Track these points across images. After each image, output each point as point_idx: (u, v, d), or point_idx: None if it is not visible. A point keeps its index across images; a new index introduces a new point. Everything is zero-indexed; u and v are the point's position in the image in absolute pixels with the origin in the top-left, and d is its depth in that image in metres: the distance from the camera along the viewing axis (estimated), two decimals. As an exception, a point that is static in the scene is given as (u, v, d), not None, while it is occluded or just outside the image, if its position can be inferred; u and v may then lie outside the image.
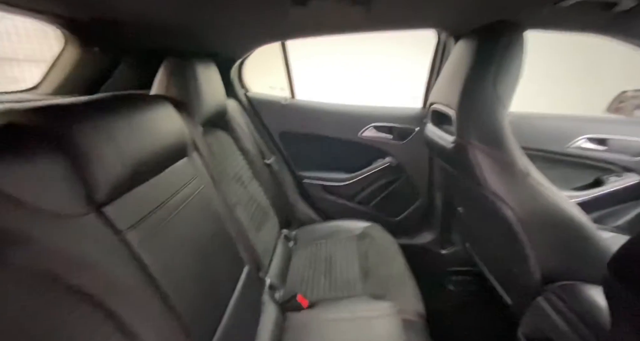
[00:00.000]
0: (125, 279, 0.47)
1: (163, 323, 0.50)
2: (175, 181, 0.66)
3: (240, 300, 0.75)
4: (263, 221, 1.16)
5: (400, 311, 0.88)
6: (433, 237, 1.48)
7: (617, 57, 1.02)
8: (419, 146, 1.35)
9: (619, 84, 1.38)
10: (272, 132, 1.44)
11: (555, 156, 1.29)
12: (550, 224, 0.71)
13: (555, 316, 0.70)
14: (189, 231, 0.65)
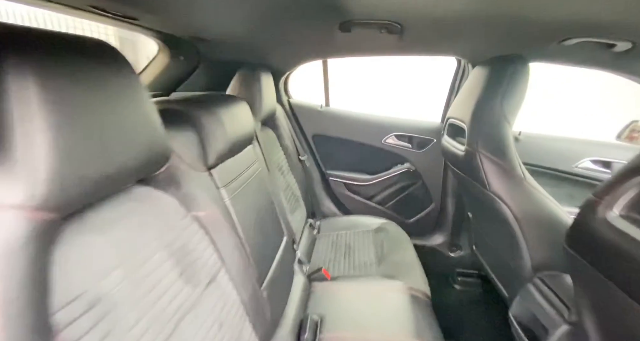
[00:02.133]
0: (220, 220, 0.67)
1: (237, 255, 0.70)
2: (245, 161, 0.87)
3: (280, 261, 0.95)
4: (295, 207, 1.36)
5: (408, 289, 1.04)
6: (443, 240, 1.62)
7: (629, 87, 1.15)
8: (435, 155, 1.51)
9: (630, 111, 1.50)
10: (307, 134, 1.66)
11: (563, 174, 1.42)
12: (541, 222, 0.86)
13: (541, 300, 0.84)
14: (253, 200, 0.86)
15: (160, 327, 0.46)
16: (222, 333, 0.60)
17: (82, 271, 0.38)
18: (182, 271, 0.54)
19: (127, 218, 0.47)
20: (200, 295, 0.57)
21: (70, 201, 0.35)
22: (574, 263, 0.59)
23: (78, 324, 0.35)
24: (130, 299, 0.43)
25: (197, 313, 0.55)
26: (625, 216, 0.45)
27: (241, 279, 0.70)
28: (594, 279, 0.54)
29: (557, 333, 0.74)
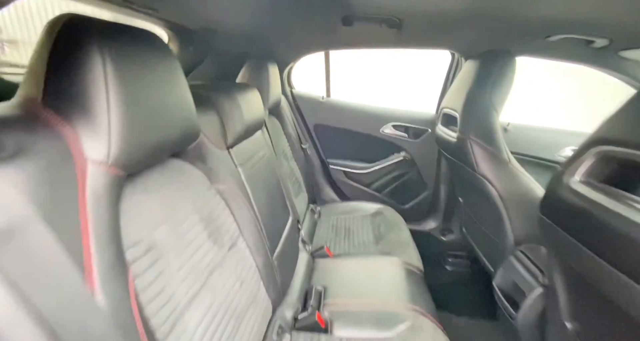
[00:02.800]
0: (238, 194, 0.75)
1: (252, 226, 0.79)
2: (257, 144, 0.95)
3: (287, 237, 1.03)
4: (299, 192, 1.44)
5: (404, 263, 1.14)
6: (436, 225, 1.73)
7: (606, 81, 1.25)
8: (429, 145, 1.61)
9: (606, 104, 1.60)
10: (309, 123, 1.73)
11: (547, 162, 1.53)
12: (522, 200, 0.96)
13: (520, 268, 0.95)
14: (263, 179, 0.94)
15: (197, 276, 0.55)
16: (243, 290, 0.69)
17: (139, 223, 0.46)
18: (210, 233, 0.62)
19: (167, 184, 0.55)
20: (225, 256, 0.66)
21: (133, 163, 0.43)
22: (545, 228, 0.69)
23: (140, 263, 0.44)
24: (174, 250, 0.51)
25: (222, 270, 0.63)
26: (584, 182, 0.54)
27: (256, 247, 0.79)
28: (561, 239, 0.63)
29: (532, 296, 0.85)
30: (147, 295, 0.43)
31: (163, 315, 0.45)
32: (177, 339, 0.46)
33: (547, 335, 0.78)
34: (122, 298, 0.36)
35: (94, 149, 0.37)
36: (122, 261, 0.39)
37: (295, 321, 0.90)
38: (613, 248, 0.45)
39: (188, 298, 0.51)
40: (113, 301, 0.34)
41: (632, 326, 0.48)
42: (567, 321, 0.70)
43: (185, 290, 0.51)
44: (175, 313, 0.47)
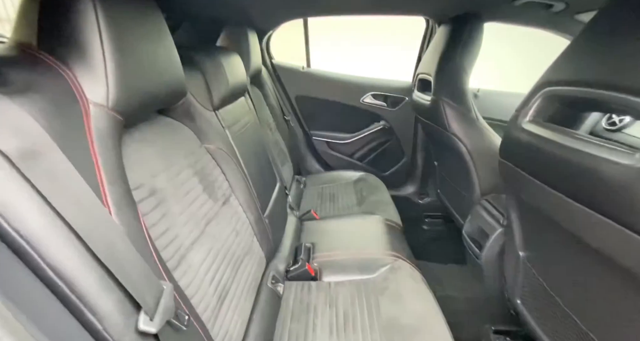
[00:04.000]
0: (227, 155, 0.79)
1: (243, 186, 0.83)
2: (242, 109, 0.98)
3: (276, 200, 1.09)
4: (284, 162, 1.49)
5: (385, 220, 1.24)
6: (414, 189, 1.85)
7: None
8: (407, 113, 1.68)
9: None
10: (290, 95, 1.75)
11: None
12: (488, 154, 1.07)
13: (485, 214, 1.07)
14: (250, 144, 0.98)
15: (196, 223, 0.60)
16: (238, 240, 0.75)
17: (140, 169, 0.49)
18: (205, 188, 0.67)
19: (161, 139, 0.58)
20: (219, 210, 0.71)
21: (129, 109, 0.45)
22: (503, 170, 0.78)
23: (145, 204, 0.48)
24: (174, 197, 0.55)
25: (218, 221, 0.69)
26: (532, 121, 0.62)
27: (247, 205, 0.84)
28: (516, 177, 0.71)
29: (493, 235, 0.97)
30: (155, 232, 0.47)
31: (171, 250, 0.50)
32: (184, 272, 0.52)
33: (505, 266, 0.91)
34: (136, 227, 0.40)
35: (94, 91, 0.39)
36: (131, 198, 0.43)
37: (287, 272, 0.98)
38: (558, 176, 0.54)
39: (190, 241, 0.56)
40: (128, 228, 0.39)
41: (578, 248, 0.58)
42: (520, 251, 0.82)
43: (186, 233, 0.56)
44: (180, 250, 0.52)
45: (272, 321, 0.78)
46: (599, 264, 0.53)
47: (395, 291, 0.83)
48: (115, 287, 0.33)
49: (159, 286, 0.39)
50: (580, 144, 0.48)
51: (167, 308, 0.38)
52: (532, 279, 0.78)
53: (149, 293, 0.36)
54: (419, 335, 0.67)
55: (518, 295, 0.84)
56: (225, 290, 0.63)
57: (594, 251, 0.52)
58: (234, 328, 0.62)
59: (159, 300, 0.37)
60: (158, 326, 0.35)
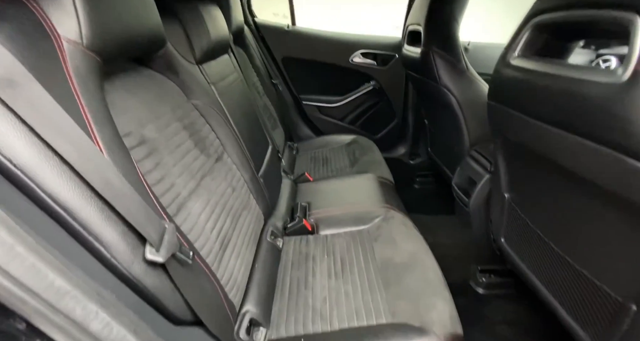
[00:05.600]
0: (215, 112, 0.78)
1: (235, 144, 0.83)
2: (226, 67, 0.94)
3: (269, 161, 1.10)
4: (274, 126, 1.47)
5: (378, 177, 1.27)
6: (405, 150, 1.88)
7: None
8: (397, 71, 1.65)
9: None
10: (276, 57, 1.68)
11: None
12: (477, 104, 1.07)
13: (473, 164, 1.10)
14: (239, 103, 0.96)
15: (191, 176, 0.60)
16: (235, 195, 0.77)
17: (127, 118, 0.48)
18: (196, 143, 0.66)
19: (145, 90, 0.56)
20: (213, 166, 0.71)
21: (107, 51, 0.43)
22: (491, 111, 0.79)
23: (136, 151, 0.48)
24: (166, 149, 0.55)
25: (213, 176, 0.69)
26: (521, 55, 0.62)
27: (241, 163, 0.85)
28: (504, 116, 0.72)
29: (481, 182, 1.02)
30: (151, 179, 0.48)
31: (169, 197, 0.51)
32: (184, 218, 0.53)
33: (491, 210, 0.96)
34: (130, 170, 0.41)
35: (64, 26, 0.37)
36: (121, 141, 0.42)
37: (285, 229, 1.02)
38: (544, 106, 0.55)
39: (187, 191, 0.57)
40: (123, 169, 0.39)
41: (560, 179, 0.61)
42: (506, 193, 0.86)
43: (182, 184, 0.57)
44: (179, 199, 0.54)
45: (274, 269, 0.82)
46: (580, 192, 0.57)
47: (388, 236, 0.88)
48: (116, 219, 0.34)
49: (160, 223, 0.40)
50: (565, 70, 0.49)
51: (171, 243, 0.39)
52: (516, 219, 0.84)
53: (152, 228, 0.38)
54: (411, 270, 0.73)
55: (503, 235, 0.90)
56: (227, 238, 0.66)
57: (576, 179, 0.55)
58: (237, 273, 0.66)
59: (162, 236, 0.39)
60: (165, 256, 0.37)
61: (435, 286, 0.68)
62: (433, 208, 1.57)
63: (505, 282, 1.06)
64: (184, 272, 0.42)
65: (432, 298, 0.65)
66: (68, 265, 0.26)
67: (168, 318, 0.40)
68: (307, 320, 0.68)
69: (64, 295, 0.24)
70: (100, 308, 0.26)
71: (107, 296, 0.28)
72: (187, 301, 0.41)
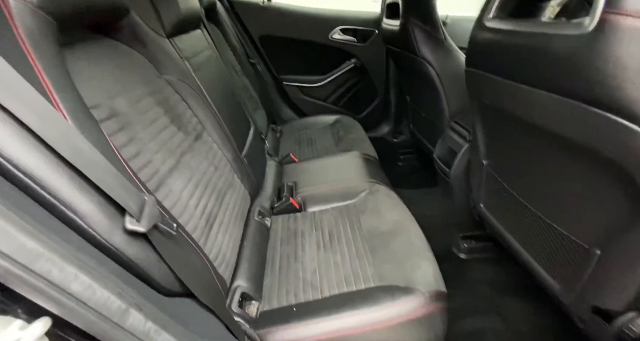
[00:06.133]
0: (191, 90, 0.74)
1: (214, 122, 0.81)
2: (200, 43, 0.90)
3: (252, 142, 1.08)
4: (256, 108, 1.44)
5: (362, 154, 1.28)
6: (388, 129, 1.89)
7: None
8: (378, 48, 1.63)
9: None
10: (253, 35, 1.61)
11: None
12: (456, 75, 1.08)
13: (455, 136, 1.13)
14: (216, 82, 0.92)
15: (169, 153, 0.58)
16: (218, 174, 0.75)
17: (93, 89, 0.46)
18: (172, 119, 0.64)
19: (112, 61, 0.53)
20: (192, 145, 0.69)
21: (61, 12, 0.40)
22: (469, 78, 0.80)
23: (107, 125, 0.45)
24: (139, 124, 0.53)
25: (193, 154, 0.68)
26: (495, 17, 0.63)
27: (222, 142, 0.83)
28: (481, 80, 0.73)
29: (461, 152, 1.05)
30: (126, 153, 0.46)
31: (147, 173, 0.49)
32: (166, 194, 0.52)
33: (471, 178, 1.00)
34: (101, 140, 0.39)
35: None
36: (88, 112, 0.40)
37: (272, 209, 1.02)
38: (518, 65, 0.57)
39: (166, 168, 0.56)
40: (92, 138, 0.37)
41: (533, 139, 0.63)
42: (484, 160, 0.89)
43: (160, 160, 0.55)
44: (158, 175, 0.52)
45: (263, 246, 0.83)
46: (550, 149, 0.60)
47: (374, 208, 0.90)
48: (91, 189, 0.33)
49: (139, 195, 0.39)
50: (534, 27, 0.50)
51: (152, 214, 0.38)
52: (494, 184, 0.87)
53: (130, 199, 0.36)
54: (396, 237, 0.75)
55: (482, 201, 0.94)
56: (213, 216, 0.65)
57: (546, 136, 0.57)
58: (226, 249, 0.66)
59: (142, 207, 0.38)
60: (146, 226, 0.36)
61: (419, 249, 0.71)
62: (416, 183, 1.61)
63: (485, 246, 1.12)
64: (168, 243, 0.41)
65: (416, 260, 0.68)
66: (41, 230, 0.25)
67: (157, 289, 0.40)
68: (299, 290, 0.69)
69: (37, 256, 0.23)
70: (80, 271, 0.25)
71: (86, 261, 0.27)
72: (174, 273, 0.41)
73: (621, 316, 0.56)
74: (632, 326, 0.55)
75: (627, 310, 0.55)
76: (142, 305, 0.29)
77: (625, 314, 0.55)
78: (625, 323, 0.55)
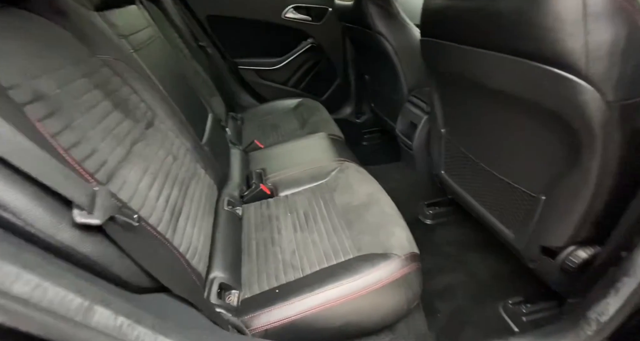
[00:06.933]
0: (133, 72, 0.66)
1: (167, 108, 0.74)
2: (137, 20, 0.79)
3: (212, 129, 1.01)
4: (211, 95, 1.35)
5: (329, 135, 1.28)
6: (351, 110, 1.91)
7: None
8: (333, 26, 1.60)
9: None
10: (199, 15, 1.48)
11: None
12: (412, 49, 1.11)
13: (414, 109, 1.17)
14: (163, 63, 0.83)
15: (117, 142, 0.52)
16: (178, 164, 0.70)
17: (7, 65, 0.38)
18: (116, 104, 0.57)
19: (28, 35, 0.44)
20: (144, 133, 0.62)
21: None
22: (424, 47, 0.82)
23: (33, 108, 0.38)
24: (75, 108, 0.45)
25: (147, 143, 0.61)
26: None
27: (179, 130, 0.76)
28: (434, 48, 0.76)
29: (421, 124, 1.09)
30: (64, 142, 0.40)
31: (94, 163, 0.43)
32: (120, 187, 0.47)
33: (431, 148, 1.05)
34: (24, 123, 0.33)
35: None
36: (5, 93, 0.33)
37: (242, 198, 0.98)
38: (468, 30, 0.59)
39: (116, 158, 0.50)
40: (13, 121, 0.31)
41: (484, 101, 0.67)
42: (442, 129, 0.94)
43: (108, 150, 0.49)
44: (107, 167, 0.46)
45: (237, 235, 0.80)
46: (499, 108, 0.65)
47: (346, 184, 0.91)
48: (20, 179, 0.28)
49: (87, 186, 0.34)
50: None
51: (106, 205, 0.34)
52: (452, 150, 0.93)
53: (76, 189, 0.32)
54: (369, 208, 0.77)
55: (443, 168, 1.01)
56: (178, 208, 0.60)
57: (496, 96, 0.62)
58: (197, 242, 0.62)
59: (93, 198, 0.33)
60: (101, 218, 0.32)
61: (392, 217, 0.73)
62: (381, 159, 1.66)
63: (447, 210, 1.21)
64: (130, 236, 0.37)
65: (390, 227, 0.70)
66: None
67: (123, 285, 0.36)
68: (279, 273, 0.68)
69: None
70: (23, 270, 0.21)
71: (30, 258, 0.23)
72: (141, 267, 0.38)
73: (563, 251, 0.64)
74: (572, 258, 0.63)
75: (568, 245, 0.63)
76: (109, 301, 0.26)
77: (566, 249, 0.64)
78: (566, 256, 0.64)
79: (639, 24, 0.39)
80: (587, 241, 0.61)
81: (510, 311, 0.85)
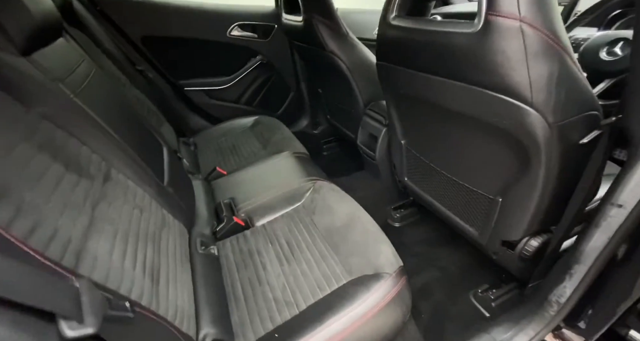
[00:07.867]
0: (78, 120, 0.58)
1: (121, 155, 0.66)
2: (69, 56, 0.69)
3: (170, 165, 0.93)
4: (160, 124, 1.23)
5: (294, 154, 1.27)
6: (307, 122, 1.93)
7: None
8: (281, 42, 1.60)
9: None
10: (132, 37, 1.34)
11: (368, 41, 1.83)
12: (364, 66, 1.18)
13: (373, 122, 1.24)
14: (105, 103, 0.74)
15: (77, 210, 0.45)
16: (145, 217, 0.63)
17: None
18: (66, 164, 0.49)
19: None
20: (103, 190, 0.55)
21: None
22: (380, 71, 0.88)
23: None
24: (24, 183, 0.38)
25: (109, 202, 0.54)
26: (397, 16, 0.71)
27: (139, 177, 0.69)
28: (390, 73, 0.82)
29: (381, 136, 1.16)
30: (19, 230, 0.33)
31: (57, 248, 0.37)
32: (92, 265, 0.40)
33: (393, 157, 1.13)
34: None
35: None
36: None
37: (215, 234, 0.92)
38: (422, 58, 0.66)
39: (80, 230, 0.43)
40: None
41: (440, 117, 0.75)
42: (402, 140, 1.02)
43: (69, 223, 0.42)
44: (72, 245, 0.40)
45: (218, 279, 0.75)
46: (453, 124, 0.73)
47: (324, 205, 0.92)
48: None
49: (66, 284, 0.29)
50: (433, 25, 0.58)
51: (95, 304, 0.29)
52: (413, 159, 1.01)
53: (56, 295, 0.27)
54: (353, 228, 0.79)
55: (405, 174, 1.08)
56: (156, 269, 0.55)
57: (448, 114, 0.69)
58: (182, 302, 0.57)
59: (77, 299, 0.28)
60: (95, 324, 0.28)
61: (376, 235, 0.77)
62: (344, 169, 1.72)
63: (413, 211, 1.30)
64: (128, 331, 0.33)
65: (377, 245, 0.73)
66: None
67: None
68: (273, 313, 0.66)
69: None
70: None
71: None
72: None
73: (520, 243, 0.75)
74: (527, 248, 0.75)
75: (523, 237, 0.74)
76: None
77: (522, 240, 0.75)
78: (523, 246, 0.75)
79: (566, 59, 0.48)
80: (538, 232, 0.72)
81: (480, 298, 0.96)
